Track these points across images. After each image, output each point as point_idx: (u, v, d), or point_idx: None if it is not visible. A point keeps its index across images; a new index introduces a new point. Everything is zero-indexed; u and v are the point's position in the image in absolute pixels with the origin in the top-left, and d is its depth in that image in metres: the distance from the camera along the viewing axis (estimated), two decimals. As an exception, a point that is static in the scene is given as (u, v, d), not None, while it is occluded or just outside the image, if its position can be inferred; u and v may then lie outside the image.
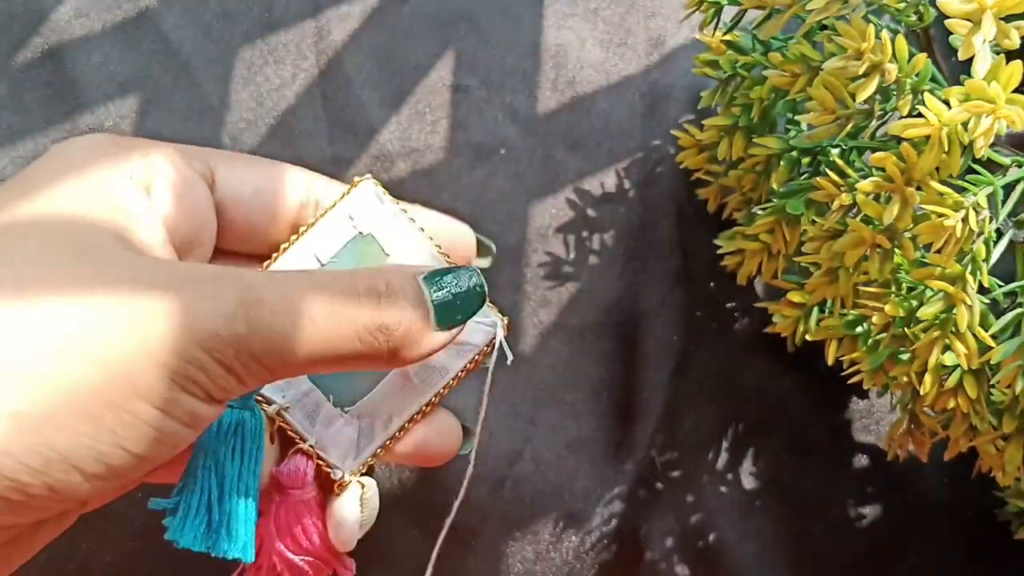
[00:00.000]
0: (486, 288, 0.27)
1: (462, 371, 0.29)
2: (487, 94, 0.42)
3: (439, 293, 0.26)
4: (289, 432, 0.29)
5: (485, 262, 0.32)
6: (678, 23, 0.44)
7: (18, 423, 0.19)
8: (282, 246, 0.29)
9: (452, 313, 0.26)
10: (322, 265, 0.29)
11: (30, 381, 0.19)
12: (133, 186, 0.25)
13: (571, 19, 0.43)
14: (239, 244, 0.29)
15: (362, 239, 0.29)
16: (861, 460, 0.41)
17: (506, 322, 0.30)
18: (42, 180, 0.24)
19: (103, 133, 0.26)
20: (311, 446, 0.28)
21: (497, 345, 0.29)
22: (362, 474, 0.29)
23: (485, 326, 0.29)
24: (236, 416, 0.26)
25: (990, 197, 0.26)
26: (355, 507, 0.29)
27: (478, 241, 0.32)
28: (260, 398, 0.28)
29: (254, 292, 0.22)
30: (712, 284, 0.42)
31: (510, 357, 0.29)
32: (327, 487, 0.29)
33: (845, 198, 0.28)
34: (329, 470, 0.29)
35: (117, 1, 0.42)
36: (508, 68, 0.43)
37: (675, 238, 0.42)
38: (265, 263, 0.29)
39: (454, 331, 0.26)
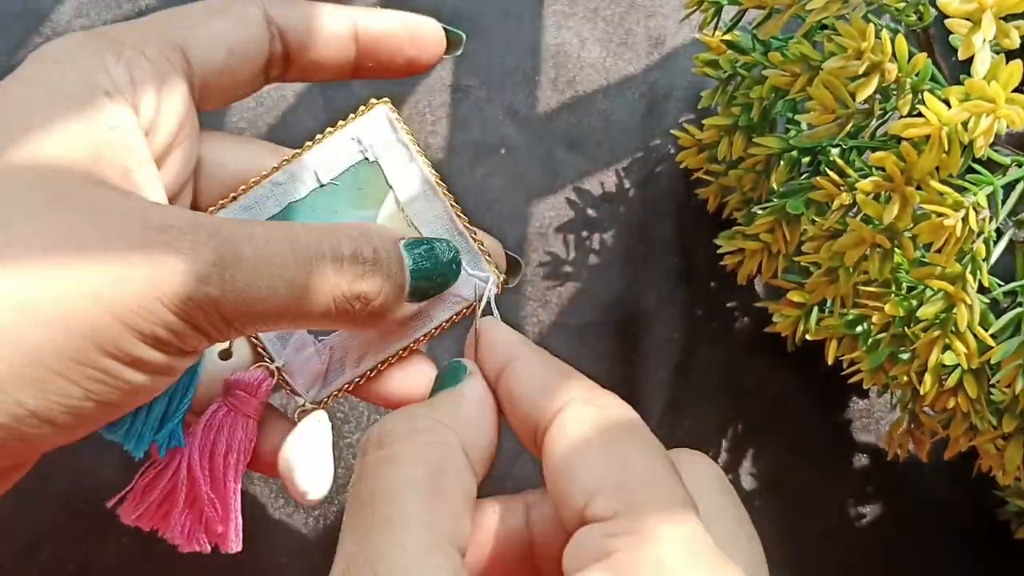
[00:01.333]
0: (462, 261, 0.27)
1: (446, 321, 0.28)
2: (487, 94, 0.42)
3: (418, 264, 0.25)
4: (258, 349, 0.28)
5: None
6: (678, 23, 0.44)
7: None
8: (282, 160, 0.28)
9: (426, 287, 0.25)
10: (320, 185, 0.28)
11: None
12: (114, 104, 0.23)
13: (571, 19, 0.43)
14: (277, 70, 0.27)
15: (367, 165, 0.28)
16: (861, 460, 0.41)
17: (500, 280, 0.28)
18: (14, 109, 0.22)
19: (76, 34, 0.24)
20: (278, 367, 0.27)
21: (484, 301, 0.28)
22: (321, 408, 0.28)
23: (478, 279, 0.28)
24: None
25: (990, 197, 0.26)
26: (323, 430, 0.27)
27: (447, 32, 0.29)
28: None
29: (231, 249, 0.21)
30: (712, 284, 0.42)
31: (497, 316, 0.27)
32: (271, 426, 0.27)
33: (845, 198, 0.28)
34: (293, 395, 0.28)
35: (117, 1, 0.42)
36: (508, 68, 0.43)
37: (675, 238, 0.42)
38: (262, 175, 0.28)
39: (424, 303, 0.26)
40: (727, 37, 0.35)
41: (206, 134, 0.27)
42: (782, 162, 0.34)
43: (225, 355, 0.28)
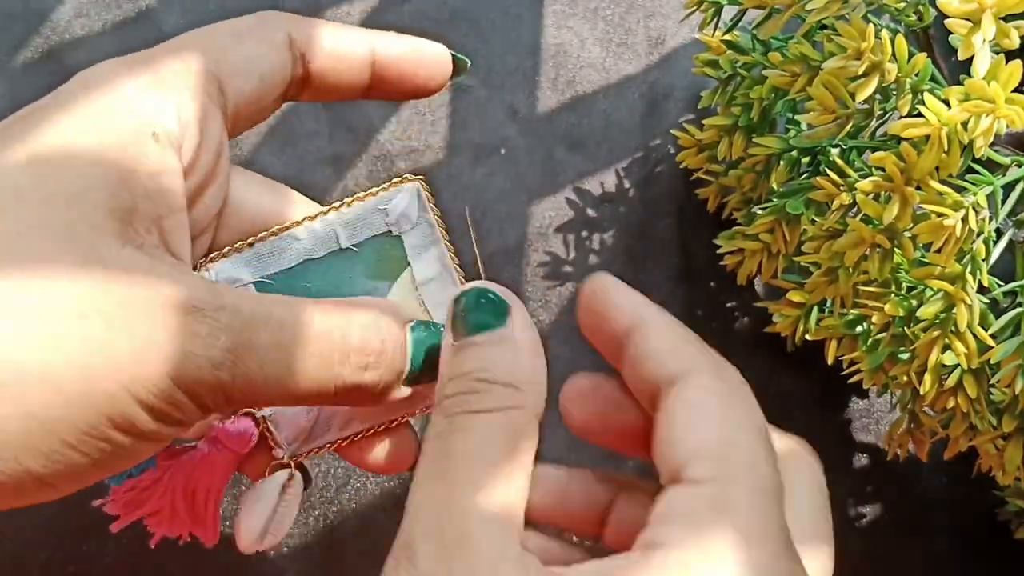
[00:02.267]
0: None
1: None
2: (487, 94, 0.42)
3: (419, 351, 0.25)
4: None
5: (460, 76, 0.29)
6: (678, 23, 0.44)
7: None
8: (306, 216, 0.27)
9: (420, 375, 0.25)
10: (341, 249, 0.28)
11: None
12: (159, 149, 0.22)
13: (571, 19, 0.43)
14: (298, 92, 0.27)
15: (390, 237, 0.28)
16: (861, 459, 0.41)
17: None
18: (56, 140, 0.21)
19: (122, 61, 0.23)
20: (264, 416, 0.27)
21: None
22: (298, 467, 0.28)
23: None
24: None
25: (990, 197, 0.26)
26: (273, 491, 0.27)
27: (453, 58, 0.28)
28: None
29: (247, 337, 0.22)
30: (712, 284, 0.42)
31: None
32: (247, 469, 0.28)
33: (845, 198, 0.28)
34: (273, 446, 0.27)
35: (117, 1, 0.42)
36: (508, 68, 0.43)
37: (675, 238, 0.42)
38: (283, 226, 0.27)
39: (417, 387, 0.26)
40: (727, 37, 0.35)
41: (234, 170, 0.27)
42: (782, 162, 0.34)
43: None
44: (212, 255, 0.27)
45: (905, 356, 0.29)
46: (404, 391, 0.25)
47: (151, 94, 0.23)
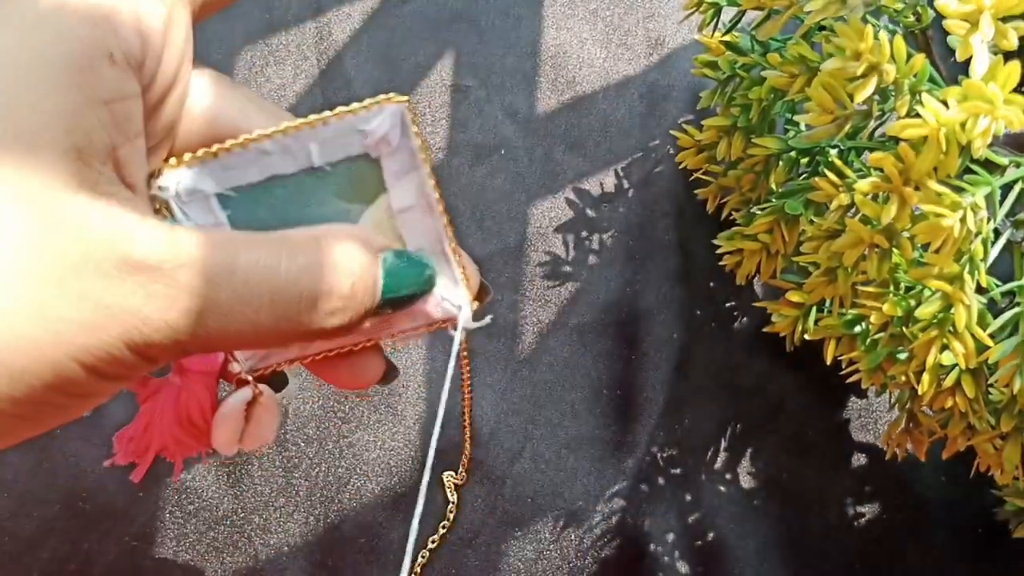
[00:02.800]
0: (436, 282, 0.26)
1: (405, 331, 0.27)
2: (487, 94, 0.42)
3: (390, 282, 0.24)
4: None
5: (480, 320, 0.30)
6: (677, 24, 0.44)
7: None
8: (275, 129, 0.25)
9: (392, 304, 0.25)
10: (313, 167, 0.26)
11: None
12: (116, 72, 0.21)
13: (571, 19, 0.44)
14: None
15: (367, 161, 0.27)
16: (859, 459, 0.41)
17: (473, 309, 0.27)
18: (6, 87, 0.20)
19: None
20: None
21: (458, 339, 0.27)
22: (266, 381, 0.27)
23: (449, 307, 0.27)
24: None
25: (988, 197, 0.27)
26: (236, 409, 0.27)
27: (482, 285, 0.29)
28: None
29: (208, 296, 0.21)
30: (711, 284, 0.42)
31: (462, 341, 0.26)
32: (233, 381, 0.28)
33: (843, 198, 0.28)
34: (232, 362, 0.27)
35: None
36: (508, 68, 0.43)
37: (674, 238, 0.42)
38: (250, 138, 0.25)
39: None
40: (726, 38, 0.35)
41: (197, 70, 0.25)
42: (781, 163, 0.34)
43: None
44: (172, 161, 0.24)
45: (903, 356, 0.29)
46: (369, 320, 0.24)
47: (107, 4, 0.20)
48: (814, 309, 0.36)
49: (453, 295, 0.27)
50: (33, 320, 0.19)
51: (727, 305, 0.42)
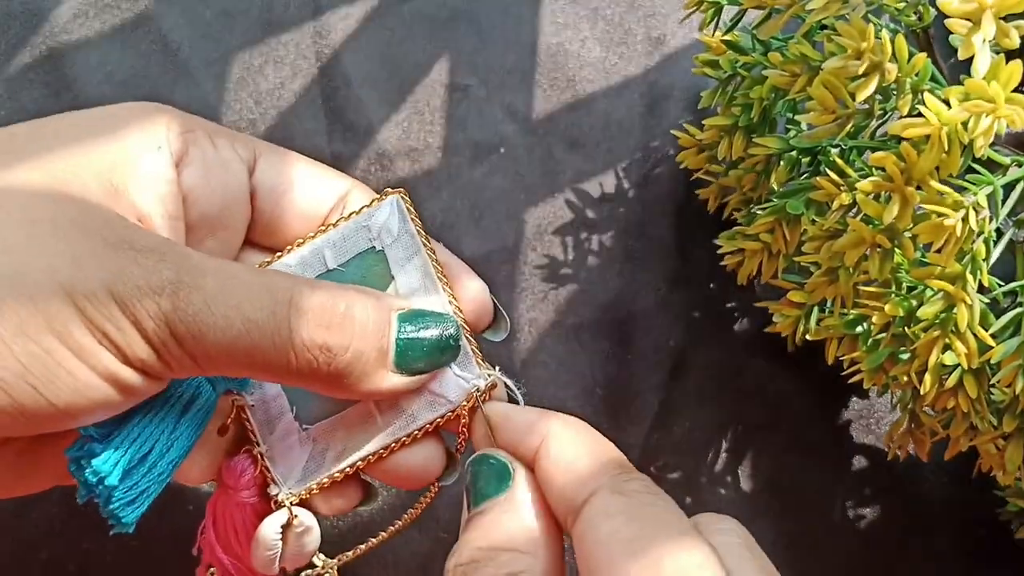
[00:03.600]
0: (461, 342, 0.26)
1: (430, 424, 0.28)
2: (486, 93, 0.42)
3: (407, 334, 0.25)
4: (248, 431, 0.28)
5: (496, 336, 0.29)
6: (678, 23, 0.44)
7: None
8: (296, 241, 0.28)
9: (414, 358, 0.25)
10: (328, 270, 0.28)
11: None
12: (157, 154, 0.24)
13: (571, 19, 0.43)
14: (262, 236, 0.29)
15: (373, 254, 0.28)
16: (861, 460, 0.41)
17: (489, 384, 0.27)
18: (71, 125, 0.24)
19: (163, 105, 0.26)
20: (260, 453, 0.28)
21: (482, 417, 0.27)
22: (299, 502, 0.28)
23: (464, 383, 0.27)
24: (195, 385, 0.26)
25: (990, 197, 0.26)
26: (273, 533, 0.27)
27: (495, 311, 0.29)
28: (231, 388, 0.27)
29: (194, 276, 0.22)
30: (712, 284, 0.42)
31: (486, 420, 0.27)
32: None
33: (845, 198, 0.28)
34: (271, 483, 0.28)
35: (116, 1, 0.42)
36: (508, 67, 0.43)
37: (674, 238, 0.42)
38: (275, 254, 0.29)
39: (417, 378, 0.25)
40: (727, 37, 0.35)
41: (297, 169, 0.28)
42: (782, 162, 0.34)
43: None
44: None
45: (905, 356, 0.29)
46: (396, 379, 0.25)
47: (173, 123, 0.26)
48: (815, 309, 0.36)
49: (468, 372, 0.27)
50: (25, 246, 0.20)
51: (727, 305, 0.42)
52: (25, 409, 0.20)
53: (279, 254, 0.28)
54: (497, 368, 0.28)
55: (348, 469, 0.28)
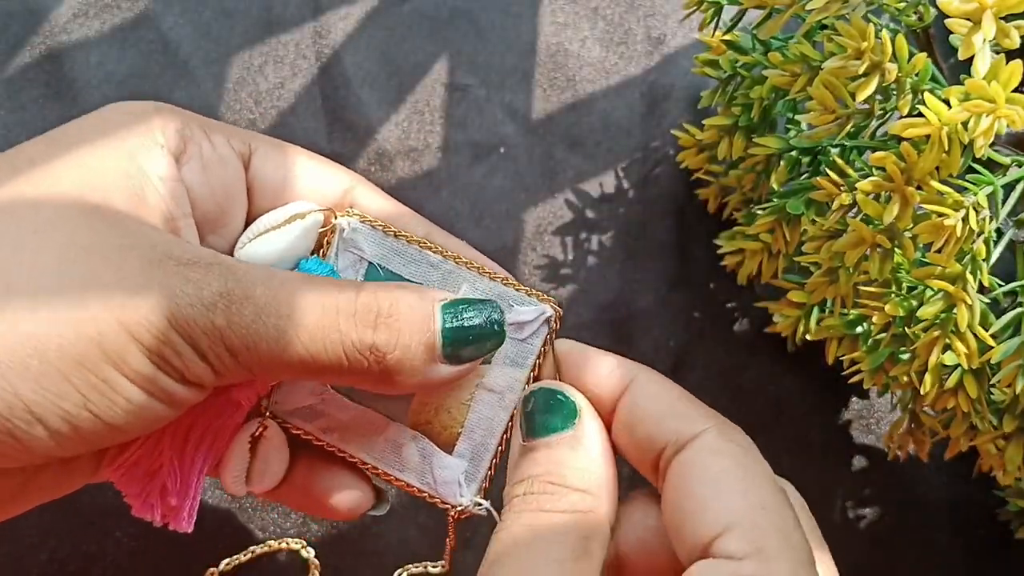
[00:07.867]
0: (505, 326, 0.26)
1: (407, 481, 0.27)
2: (486, 93, 0.42)
3: (453, 325, 0.24)
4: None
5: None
6: (678, 23, 0.44)
7: None
8: (458, 255, 0.28)
9: (462, 347, 0.25)
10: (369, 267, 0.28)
11: None
12: (161, 153, 0.24)
13: (571, 19, 0.43)
14: None
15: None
16: (861, 460, 0.41)
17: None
18: (76, 137, 0.24)
19: (153, 102, 0.26)
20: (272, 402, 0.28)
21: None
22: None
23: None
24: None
25: (990, 196, 0.26)
26: (240, 442, 0.27)
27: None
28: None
29: (242, 287, 0.22)
30: (712, 284, 0.42)
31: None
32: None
33: (845, 198, 0.28)
34: (265, 397, 0.27)
35: (116, 1, 0.42)
36: (508, 67, 0.43)
37: (674, 238, 0.42)
38: (439, 246, 0.28)
39: (467, 366, 0.25)
40: (727, 37, 0.35)
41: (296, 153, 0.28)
42: (782, 162, 0.34)
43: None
44: (357, 210, 0.28)
45: (905, 356, 0.29)
46: (446, 369, 0.25)
47: (171, 120, 0.26)
48: (816, 309, 0.36)
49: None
50: (77, 278, 0.21)
51: (727, 306, 0.42)
52: (82, 432, 0.21)
53: (439, 247, 0.27)
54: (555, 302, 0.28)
55: (327, 444, 0.27)
